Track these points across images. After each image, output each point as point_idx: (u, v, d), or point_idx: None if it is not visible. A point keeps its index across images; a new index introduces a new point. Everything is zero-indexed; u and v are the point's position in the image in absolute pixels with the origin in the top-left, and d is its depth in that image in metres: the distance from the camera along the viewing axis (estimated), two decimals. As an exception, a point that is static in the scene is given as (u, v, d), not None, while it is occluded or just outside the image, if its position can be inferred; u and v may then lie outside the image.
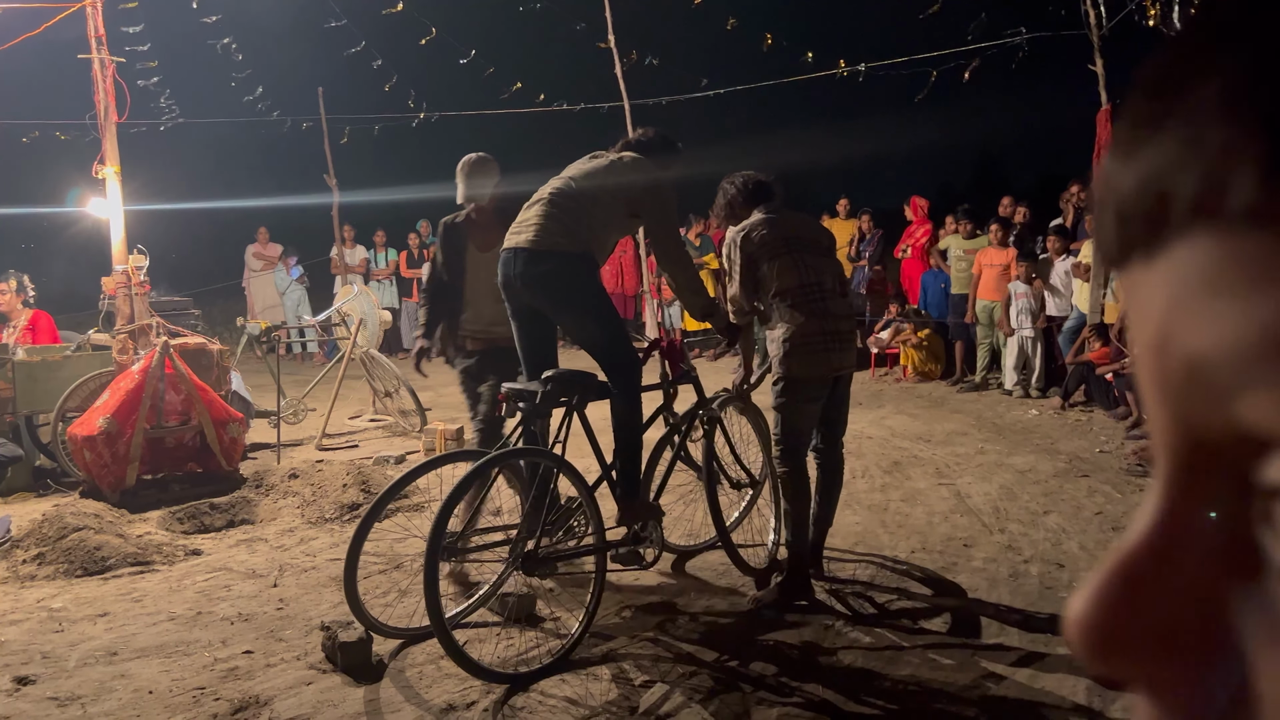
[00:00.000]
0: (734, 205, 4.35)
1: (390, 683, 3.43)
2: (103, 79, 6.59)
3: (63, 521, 4.96)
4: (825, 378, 4.15)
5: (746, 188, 4.33)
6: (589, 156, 4.24)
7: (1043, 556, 4.48)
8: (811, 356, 4.05)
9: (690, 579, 4.40)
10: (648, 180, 4.11)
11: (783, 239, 4.15)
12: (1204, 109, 0.28)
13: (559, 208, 3.97)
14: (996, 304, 8.97)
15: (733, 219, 4.35)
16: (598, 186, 4.05)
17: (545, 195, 4.04)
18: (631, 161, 4.16)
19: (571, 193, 4.03)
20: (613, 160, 4.17)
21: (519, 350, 4.24)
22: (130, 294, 6.57)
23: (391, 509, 5.40)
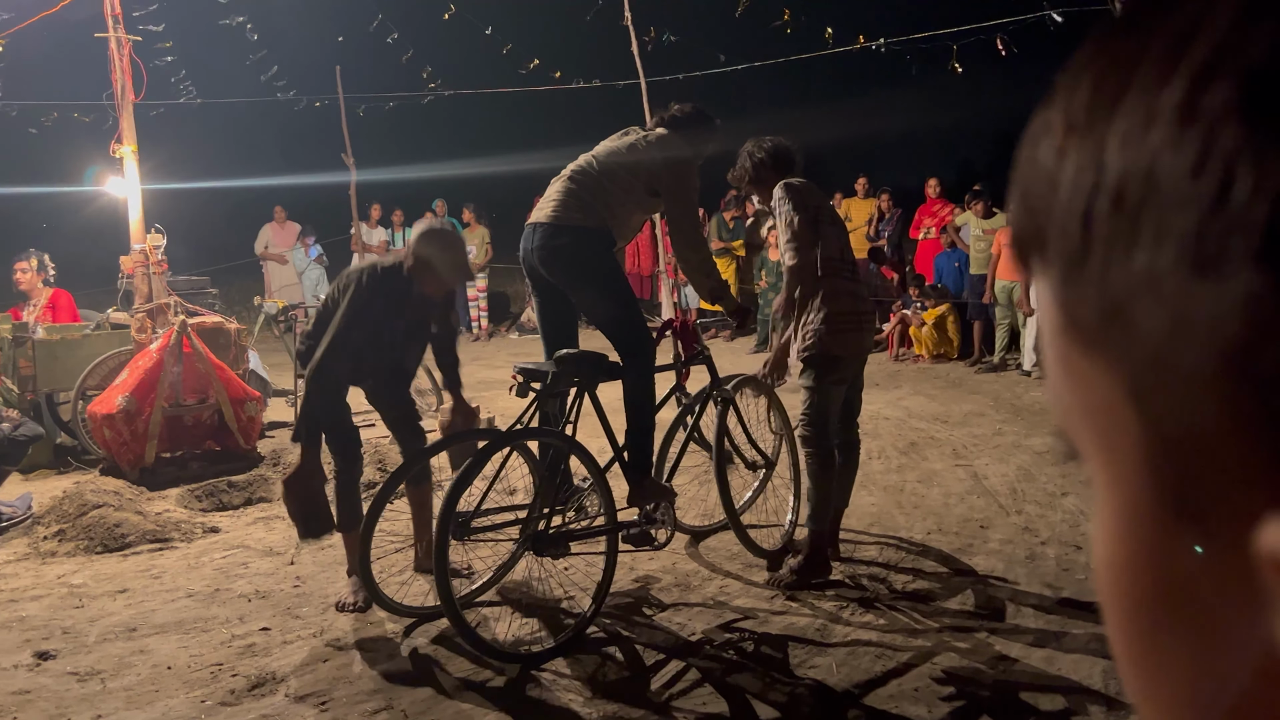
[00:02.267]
0: (761, 171, 4.23)
1: (405, 660, 3.46)
2: (119, 58, 6.59)
3: (83, 499, 5.01)
4: (859, 357, 4.14)
5: (776, 155, 4.21)
6: (620, 133, 4.22)
7: (1060, 538, 4.45)
8: (849, 336, 4.02)
9: (703, 560, 4.40)
10: (668, 158, 4.06)
11: (820, 207, 4.10)
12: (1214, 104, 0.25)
13: (578, 184, 3.97)
14: (1016, 284, 8.89)
15: (757, 185, 4.27)
16: (617, 164, 4.03)
17: (567, 172, 4.05)
18: (657, 139, 4.12)
19: (592, 170, 4.02)
20: (638, 138, 4.14)
21: (540, 328, 4.26)
22: (148, 273, 6.61)
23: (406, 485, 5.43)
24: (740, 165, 4.31)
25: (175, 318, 6.33)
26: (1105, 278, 0.28)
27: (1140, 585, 0.30)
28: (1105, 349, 0.28)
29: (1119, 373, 0.28)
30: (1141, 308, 0.26)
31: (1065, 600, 3.75)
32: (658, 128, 4.22)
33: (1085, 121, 0.28)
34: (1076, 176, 0.28)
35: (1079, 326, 0.29)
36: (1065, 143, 0.29)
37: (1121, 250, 0.27)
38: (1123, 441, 0.29)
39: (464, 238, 13.56)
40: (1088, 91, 0.29)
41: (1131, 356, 0.27)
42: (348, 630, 3.70)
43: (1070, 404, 0.32)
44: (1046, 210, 0.30)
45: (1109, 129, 0.27)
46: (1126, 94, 0.27)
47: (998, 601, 3.78)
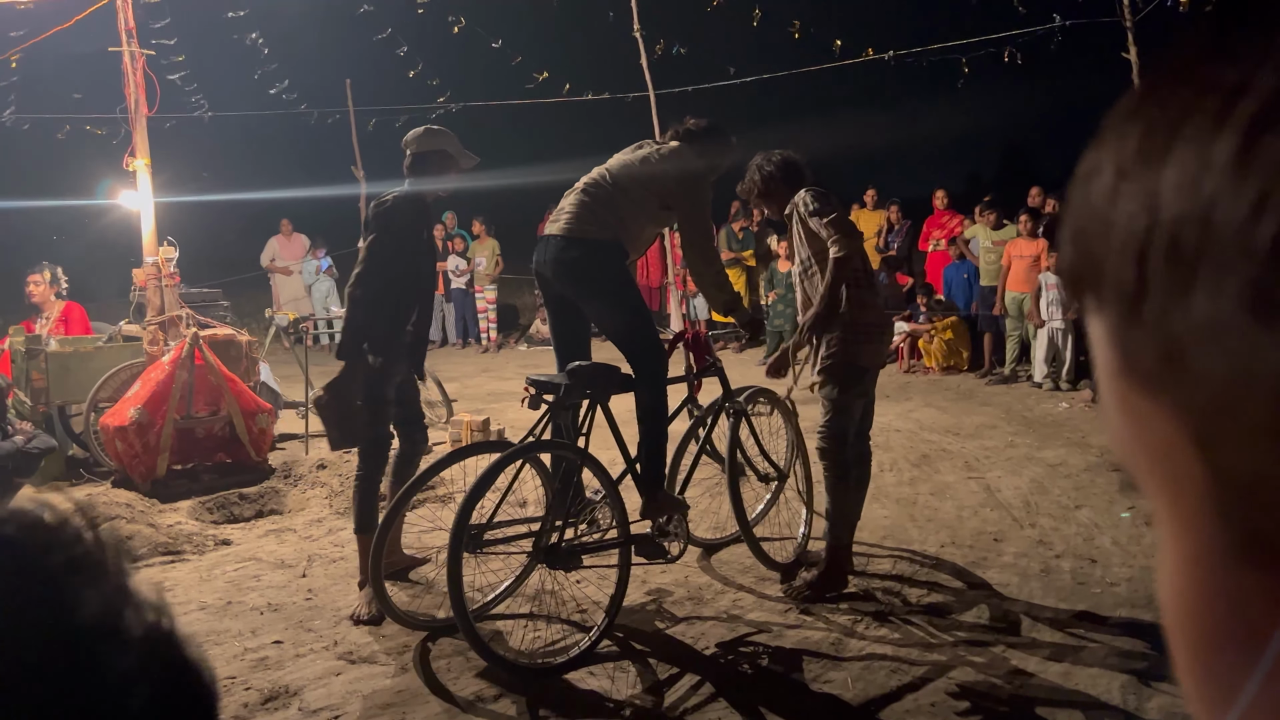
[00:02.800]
0: (770, 184, 4.20)
1: (417, 674, 3.45)
2: (133, 72, 6.64)
3: (95, 511, 5.01)
4: (880, 367, 4.17)
5: (786, 168, 4.19)
6: (634, 146, 4.23)
7: (1074, 552, 4.42)
8: (873, 346, 4.04)
9: (716, 572, 4.38)
10: (680, 172, 4.07)
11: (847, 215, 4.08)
12: None
13: (591, 196, 3.99)
14: (1026, 295, 8.87)
15: (766, 198, 4.26)
16: (631, 177, 4.04)
17: (580, 185, 4.07)
18: (669, 152, 4.13)
19: (605, 182, 4.04)
20: (650, 151, 4.15)
21: (553, 340, 4.27)
22: (160, 285, 6.63)
23: (419, 500, 5.43)
24: (749, 178, 4.29)
25: (187, 330, 6.36)
26: (1163, 322, 0.28)
27: (1209, 624, 0.30)
28: (1166, 392, 0.28)
29: (1181, 417, 0.28)
30: (1202, 354, 0.27)
31: (1081, 614, 3.72)
32: (671, 141, 4.22)
33: (1137, 166, 0.29)
34: (1130, 220, 0.29)
35: (1138, 368, 0.29)
36: (1118, 186, 0.29)
37: (1179, 296, 0.27)
38: (1188, 485, 0.29)
39: (474, 248, 13.60)
40: (1138, 138, 0.29)
41: (1194, 402, 0.27)
42: (360, 643, 3.69)
43: (1132, 445, 0.32)
44: (1100, 251, 0.30)
45: (1161, 175, 0.28)
46: (1178, 142, 0.28)
47: (1012, 615, 3.76)
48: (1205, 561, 0.30)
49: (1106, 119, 0.31)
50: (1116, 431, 0.33)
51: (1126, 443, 0.32)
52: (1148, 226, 0.28)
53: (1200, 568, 0.30)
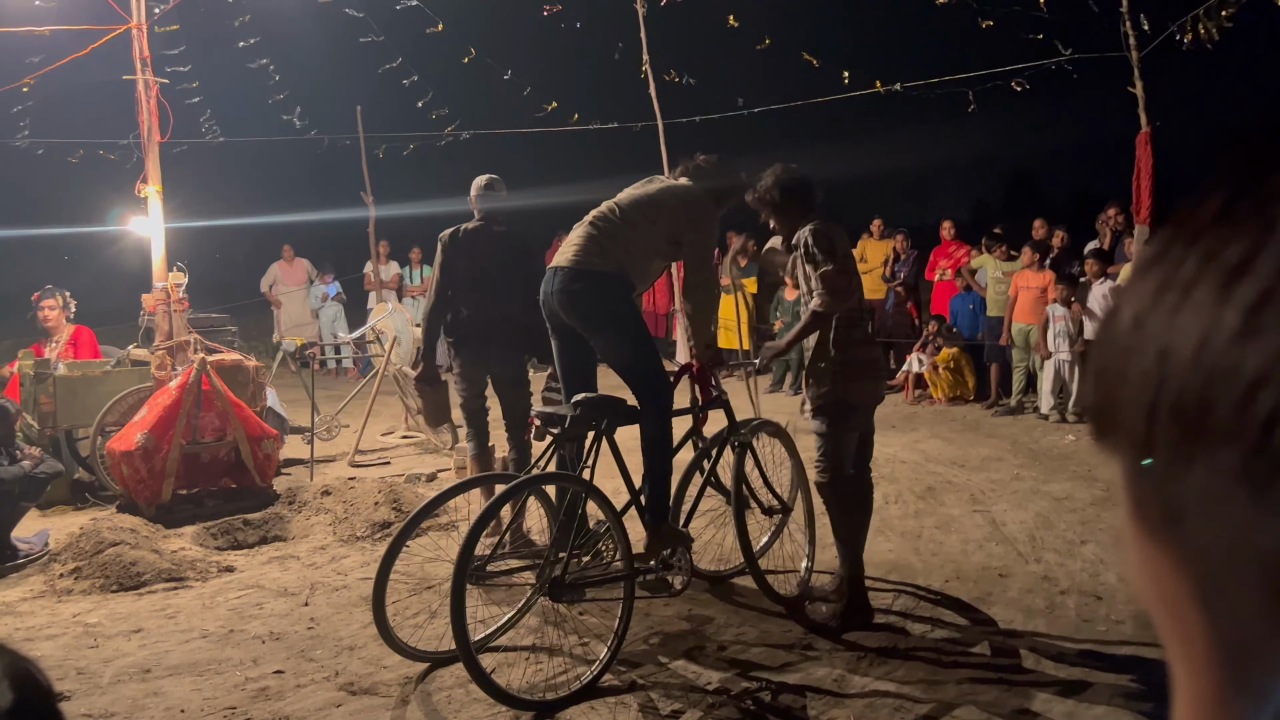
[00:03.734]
0: (786, 199, 4.13)
1: (418, 706, 3.43)
2: (147, 99, 6.71)
3: (99, 536, 5.02)
4: (875, 404, 4.20)
5: (803, 187, 4.13)
6: (644, 181, 4.28)
7: (1080, 588, 4.40)
8: (865, 384, 4.07)
9: (720, 606, 4.37)
10: (689, 210, 4.11)
11: (848, 255, 4.08)
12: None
13: (599, 230, 4.03)
14: (1033, 327, 8.86)
15: (776, 212, 4.18)
16: (638, 211, 4.08)
17: (589, 218, 4.11)
18: (679, 189, 4.18)
19: (614, 216, 4.08)
20: (661, 187, 4.20)
21: (558, 369, 4.28)
22: (169, 311, 6.67)
23: (423, 528, 5.43)
24: (765, 188, 4.17)
25: (195, 355, 6.38)
26: (1167, 482, 0.28)
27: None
28: (1170, 547, 0.29)
29: (1184, 573, 0.28)
30: (1199, 521, 0.27)
31: (1086, 652, 3.69)
32: (681, 177, 4.26)
33: (1153, 318, 0.29)
34: (1143, 374, 0.29)
35: (1147, 517, 0.30)
36: (1135, 333, 0.30)
37: (1182, 459, 0.27)
38: (1192, 637, 0.29)
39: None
40: (1155, 289, 0.30)
41: (1194, 563, 0.28)
42: (362, 674, 3.68)
43: (1143, 585, 0.32)
44: (1117, 396, 0.31)
45: (1173, 332, 0.28)
46: (1188, 304, 0.28)
47: (1017, 653, 3.73)
48: (1210, 708, 0.30)
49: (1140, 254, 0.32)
50: (1131, 568, 0.33)
51: (1139, 581, 0.33)
52: (1157, 383, 0.28)
53: (1206, 712, 0.30)
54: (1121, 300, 0.32)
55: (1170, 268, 0.30)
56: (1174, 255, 0.30)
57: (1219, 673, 0.28)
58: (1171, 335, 0.28)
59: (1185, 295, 0.28)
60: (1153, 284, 0.30)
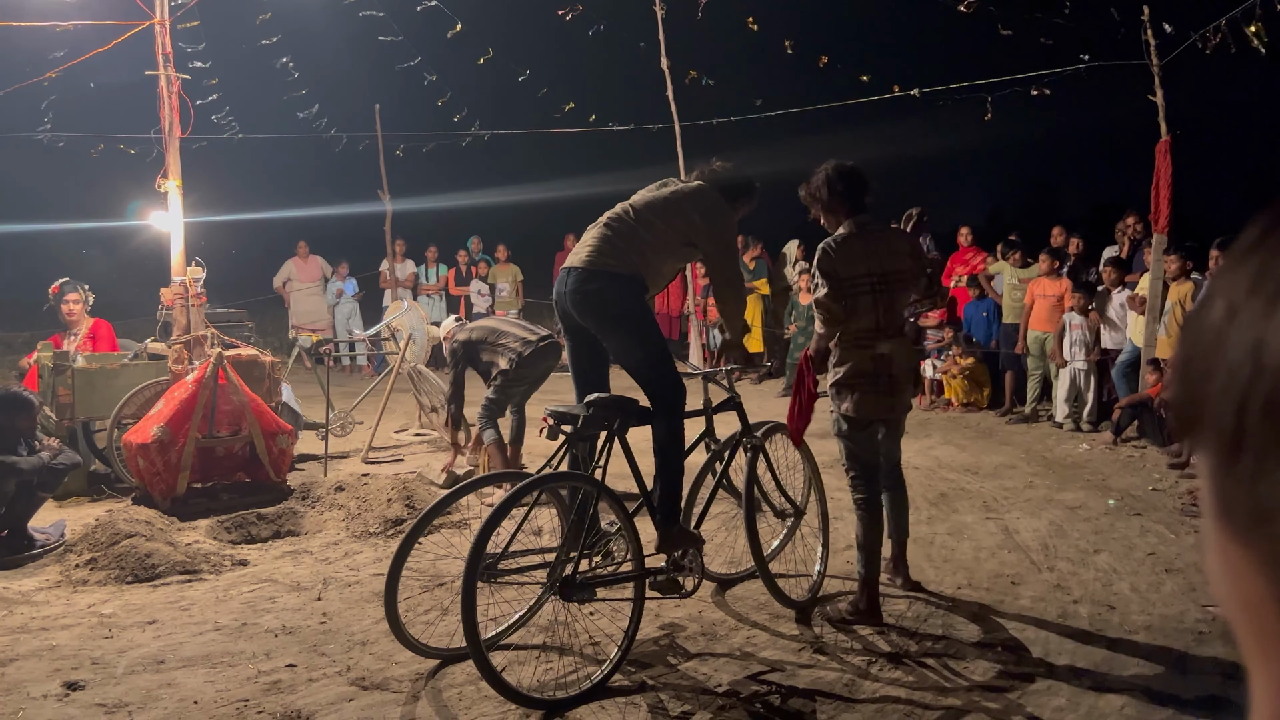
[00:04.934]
0: (833, 199, 4.25)
1: (429, 703, 3.45)
2: (168, 95, 6.76)
3: (115, 528, 5.06)
4: (880, 417, 4.33)
5: (851, 183, 4.24)
6: (659, 184, 4.30)
7: (1093, 597, 4.38)
8: (865, 399, 4.26)
9: (730, 608, 4.37)
10: (705, 215, 4.13)
11: (865, 274, 4.17)
12: None
13: (613, 231, 4.04)
14: (1048, 335, 8.83)
15: (826, 211, 4.30)
16: (654, 214, 4.09)
17: (604, 219, 4.13)
18: (694, 191, 4.19)
19: (628, 218, 4.09)
20: (674, 191, 4.21)
21: (571, 370, 4.30)
22: (187, 305, 6.71)
23: (435, 525, 5.45)
24: (815, 185, 4.29)
25: (212, 350, 6.43)
26: (1257, 482, 0.27)
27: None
28: (1256, 549, 0.28)
29: (1271, 576, 0.27)
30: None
31: (1098, 662, 3.68)
32: (696, 180, 4.28)
33: (1247, 310, 0.28)
34: (1235, 367, 0.28)
35: (1233, 517, 0.29)
36: (1227, 326, 0.28)
37: (1273, 460, 0.26)
38: (1275, 642, 0.28)
39: (496, 274, 13.69)
40: (1251, 279, 0.28)
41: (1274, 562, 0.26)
42: (374, 669, 3.70)
43: (1225, 589, 0.31)
44: (1205, 391, 0.29)
45: (1270, 324, 0.27)
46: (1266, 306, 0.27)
47: (1029, 661, 3.72)
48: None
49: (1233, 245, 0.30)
50: (1212, 572, 0.32)
51: (1220, 585, 0.31)
52: (1250, 377, 0.27)
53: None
54: (1213, 290, 0.30)
55: (1268, 258, 0.28)
56: (1272, 245, 0.28)
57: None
58: (1267, 328, 0.27)
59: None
60: (1248, 275, 0.28)
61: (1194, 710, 3.26)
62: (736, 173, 4.33)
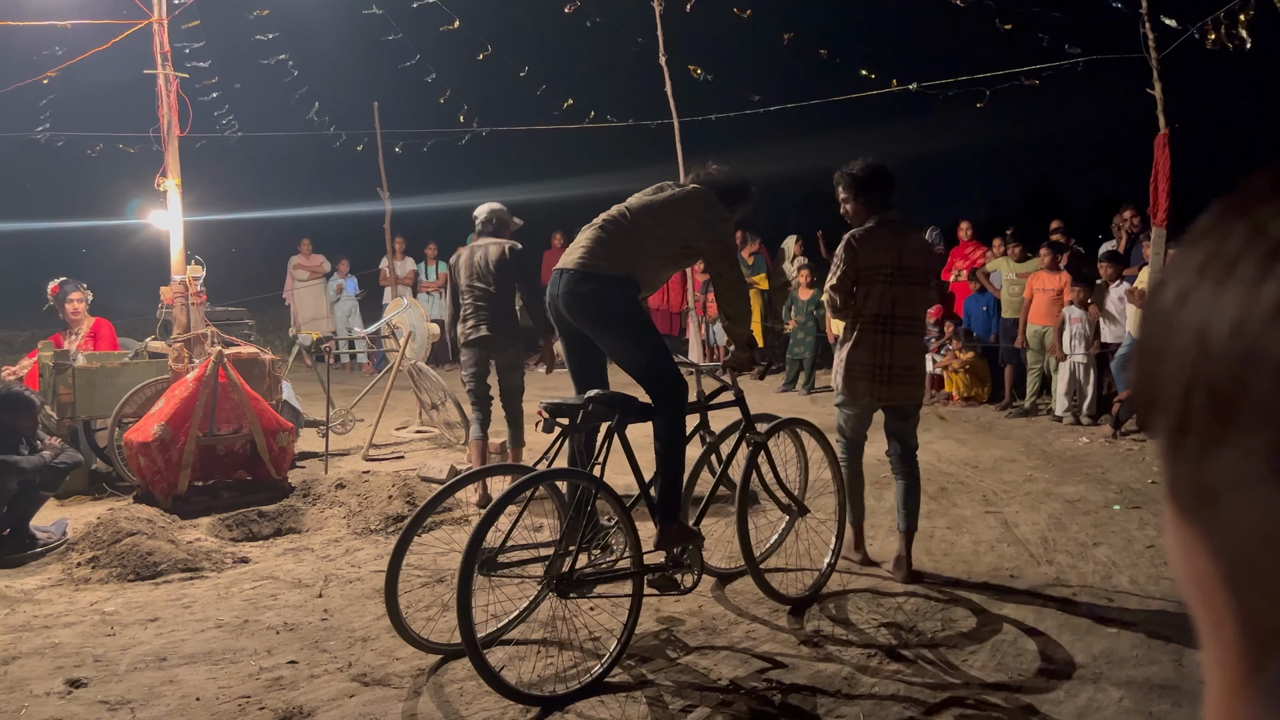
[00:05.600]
0: (869, 193, 4.62)
1: (430, 698, 3.46)
2: (167, 94, 6.76)
3: (117, 526, 5.07)
4: (868, 402, 4.61)
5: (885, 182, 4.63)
6: (655, 188, 4.31)
7: (1091, 590, 4.39)
8: (858, 384, 4.55)
9: (730, 603, 4.38)
10: (703, 218, 4.15)
11: (883, 265, 4.51)
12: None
13: (608, 233, 4.05)
14: (1048, 329, 8.84)
15: (862, 204, 4.62)
16: (650, 216, 4.11)
17: (598, 221, 4.14)
18: (690, 196, 4.20)
19: (624, 220, 4.11)
20: (671, 195, 4.22)
21: (569, 369, 4.31)
22: (187, 304, 6.72)
23: (436, 521, 5.46)
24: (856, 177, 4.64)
25: (212, 348, 6.44)
26: (1200, 463, 0.27)
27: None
28: (1203, 530, 0.28)
29: (1216, 556, 0.28)
30: (1232, 505, 0.26)
31: (1097, 654, 3.69)
32: (692, 183, 4.30)
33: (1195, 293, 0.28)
34: (1183, 350, 0.28)
35: (1181, 500, 0.29)
36: (1177, 309, 0.29)
37: (1216, 439, 0.26)
38: (1222, 622, 0.28)
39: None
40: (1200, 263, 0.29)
41: (1226, 546, 0.27)
42: (375, 666, 3.72)
43: (1179, 567, 0.31)
44: (1157, 374, 0.30)
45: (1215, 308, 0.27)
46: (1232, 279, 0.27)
47: (1028, 654, 3.73)
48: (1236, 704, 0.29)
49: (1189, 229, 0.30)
50: (1169, 550, 0.32)
51: (1175, 563, 0.31)
52: (1195, 360, 0.27)
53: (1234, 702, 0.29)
54: (1167, 275, 0.30)
55: (1217, 242, 0.28)
56: (1221, 229, 0.28)
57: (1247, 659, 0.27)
58: (1211, 312, 0.27)
59: (1229, 271, 0.27)
60: (1198, 259, 0.29)
61: (1191, 702, 3.27)
62: (733, 174, 4.35)
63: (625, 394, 3.92)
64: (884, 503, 5.85)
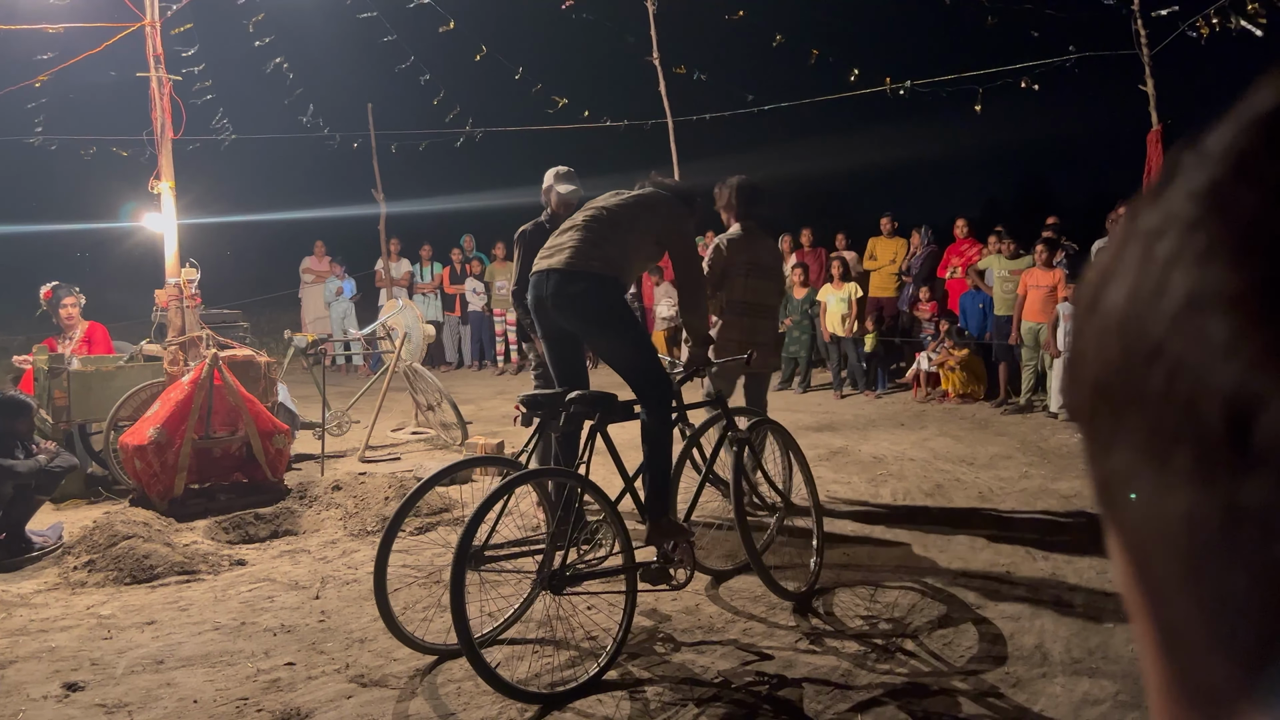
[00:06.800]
0: (734, 205, 5.68)
1: (427, 699, 3.46)
2: (160, 97, 6.76)
3: (113, 529, 5.07)
4: (735, 374, 5.52)
5: (750, 196, 5.66)
6: (613, 193, 4.53)
7: (1087, 585, 4.40)
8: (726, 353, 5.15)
9: (726, 602, 4.39)
10: (668, 216, 4.34)
11: (750, 262, 5.54)
12: None
13: (593, 232, 4.11)
14: (1042, 325, 8.85)
15: (727, 212, 5.74)
16: (631, 216, 4.23)
17: (579, 221, 4.19)
18: (657, 200, 4.40)
19: (605, 219, 4.18)
20: (637, 193, 4.42)
21: (550, 369, 4.37)
22: (182, 306, 6.72)
23: (431, 522, 5.47)
24: (724, 193, 5.71)
25: (207, 351, 6.43)
26: (1101, 460, 0.27)
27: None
28: (1113, 527, 0.28)
29: (1125, 556, 0.28)
30: (1124, 501, 0.26)
31: (1093, 650, 3.70)
32: (647, 186, 4.52)
33: (1104, 285, 0.28)
34: (1091, 344, 0.28)
35: (1097, 494, 0.29)
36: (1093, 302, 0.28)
37: (1110, 434, 0.26)
38: (1142, 618, 0.28)
39: (495, 271, 13.69)
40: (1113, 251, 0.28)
41: (1129, 543, 0.27)
42: (372, 666, 3.72)
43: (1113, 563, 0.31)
44: (1077, 369, 0.29)
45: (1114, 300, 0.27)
46: (1124, 267, 0.27)
47: (1024, 650, 3.74)
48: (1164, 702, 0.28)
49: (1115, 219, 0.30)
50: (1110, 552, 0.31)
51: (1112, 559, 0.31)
52: (1097, 353, 0.27)
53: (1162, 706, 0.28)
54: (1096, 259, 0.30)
55: (1131, 220, 0.28)
56: (1133, 213, 0.28)
57: (1163, 658, 0.27)
58: (1114, 300, 0.27)
59: (1125, 255, 0.27)
60: (1118, 239, 0.28)
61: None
62: (684, 182, 4.63)
63: (606, 393, 3.95)
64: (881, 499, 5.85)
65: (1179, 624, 0.25)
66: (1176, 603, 0.25)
